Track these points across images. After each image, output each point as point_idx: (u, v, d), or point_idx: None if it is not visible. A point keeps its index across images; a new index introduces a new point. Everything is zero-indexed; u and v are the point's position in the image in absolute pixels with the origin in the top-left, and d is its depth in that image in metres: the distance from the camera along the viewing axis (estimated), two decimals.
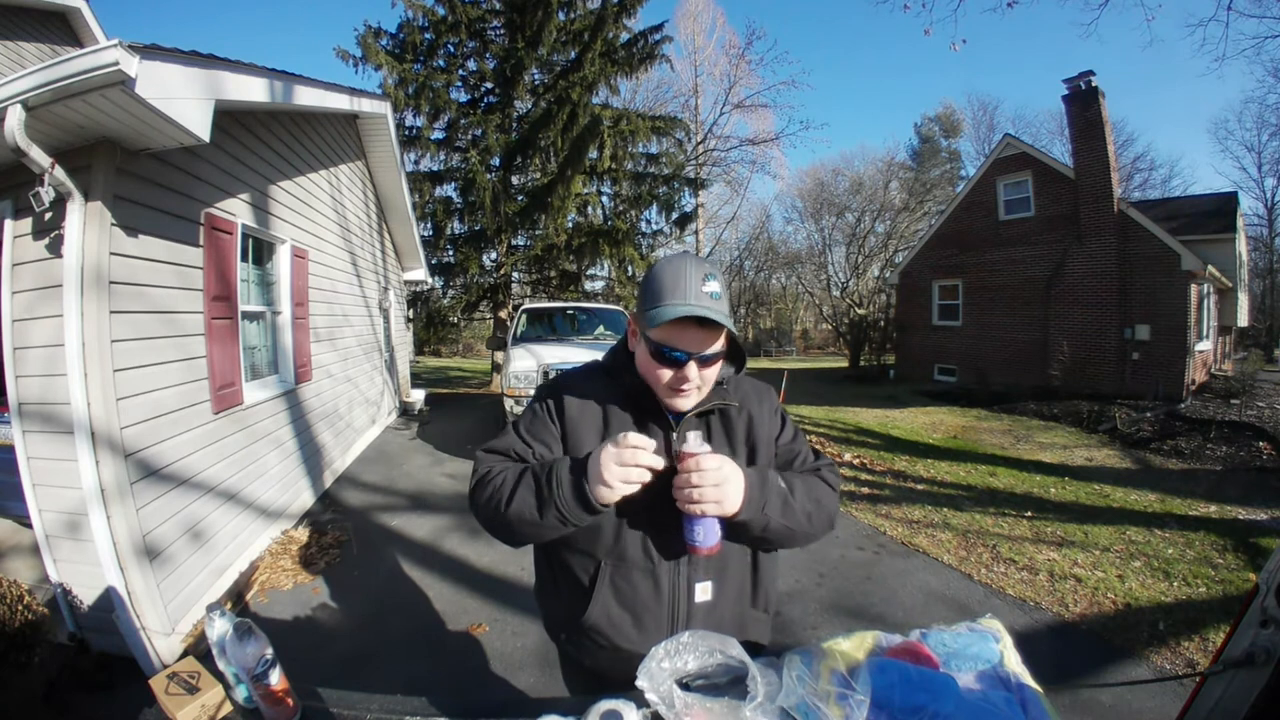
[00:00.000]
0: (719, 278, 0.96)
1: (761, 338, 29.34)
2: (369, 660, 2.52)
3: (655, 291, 0.95)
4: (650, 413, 1.04)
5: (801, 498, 1.00)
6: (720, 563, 1.03)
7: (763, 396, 1.13)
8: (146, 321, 2.57)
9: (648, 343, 0.97)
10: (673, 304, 0.92)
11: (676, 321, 0.92)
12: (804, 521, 0.99)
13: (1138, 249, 9.67)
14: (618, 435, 0.88)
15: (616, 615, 1.03)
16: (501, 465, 1.01)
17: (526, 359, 5.75)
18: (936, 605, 3.06)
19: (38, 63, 2.02)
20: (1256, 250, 23.84)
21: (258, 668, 0.83)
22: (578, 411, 1.05)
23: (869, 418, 8.53)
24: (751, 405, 1.10)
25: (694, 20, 22.20)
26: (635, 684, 0.79)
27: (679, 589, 1.02)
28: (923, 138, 32.85)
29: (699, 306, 0.91)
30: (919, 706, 0.78)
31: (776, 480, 0.98)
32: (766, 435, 1.10)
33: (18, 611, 1.99)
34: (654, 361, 0.97)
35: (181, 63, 2.24)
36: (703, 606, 1.03)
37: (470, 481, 1.05)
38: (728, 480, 0.89)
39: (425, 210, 11.54)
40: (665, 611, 1.02)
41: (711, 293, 0.93)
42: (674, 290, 0.93)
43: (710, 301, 0.92)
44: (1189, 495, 4.76)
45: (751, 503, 0.92)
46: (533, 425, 1.06)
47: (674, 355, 0.94)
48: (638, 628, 1.02)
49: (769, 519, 0.94)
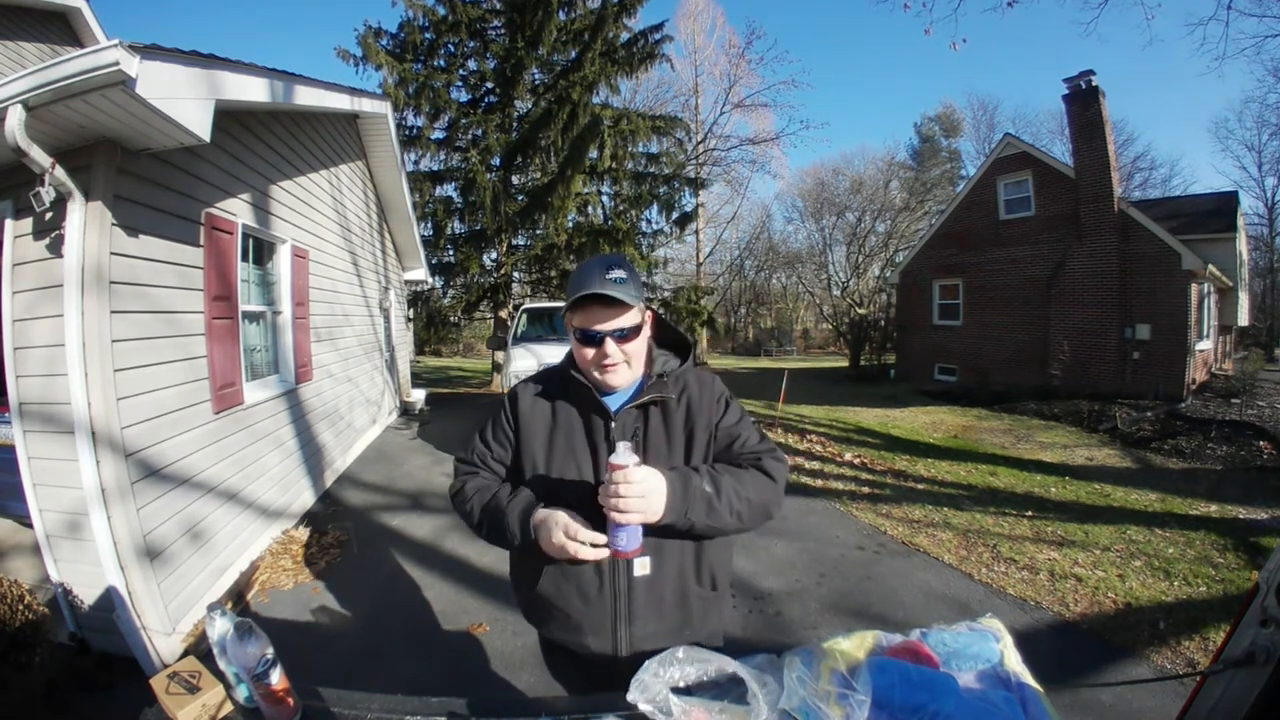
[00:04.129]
0: (624, 266, 1.05)
1: (762, 337, 29.34)
2: (369, 660, 2.53)
3: (571, 287, 1.07)
4: (591, 406, 1.13)
5: (730, 496, 1.04)
6: (656, 540, 1.07)
7: (704, 386, 1.18)
8: (147, 321, 2.57)
9: (572, 330, 1.09)
10: (579, 293, 1.03)
11: (582, 304, 1.03)
12: (732, 520, 1.05)
13: (1138, 248, 9.66)
14: (570, 527, 0.98)
15: (564, 587, 1.11)
16: (471, 485, 1.18)
17: (527, 358, 5.75)
18: (937, 605, 3.06)
19: (38, 63, 2.02)
20: (1257, 249, 23.82)
21: (258, 667, 0.83)
22: (529, 410, 1.17)
23: (869, 417, 8.53)
24: (692, 395, 1.16)
25: (694, 20, 22.18)
26: (628, 696, 0.79)
27: (618, 564, 1.08)
28: (923, 137, 32.84)
29: (598, 288, 1.01)
30: (919, 706, 0.78)
31: (701, 485, 1.03)
32: (706, 422, 1.15)
33: (18, 611, 1.99)
34: (579, 345, 1.09)
35: (182, 63, 2.24)
36: (641, 581, 1.09)
37: (450, 486, 1.25)
38: (652, 491, 0.96)
39: (425, 210, 11.54)
40: (607, 585, 1.10)
41: (614, 278, 1.03)
42: (580, 282, 1.04)
43: (612, 286, 1.02)
44: (1189, 495, 4.76)
45: (674, 509, 0.98)
46: (494, 429, 1.22)
47: (590, 334, 1.05)
48: (583, 600, 1.10)
49: (692, 522, 1.01)
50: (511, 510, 1.07)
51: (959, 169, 29.58)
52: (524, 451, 1.16)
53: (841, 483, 5.12)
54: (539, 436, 1.15)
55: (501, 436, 1.21)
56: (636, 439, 1.11)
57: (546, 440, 1.15)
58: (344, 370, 5.78)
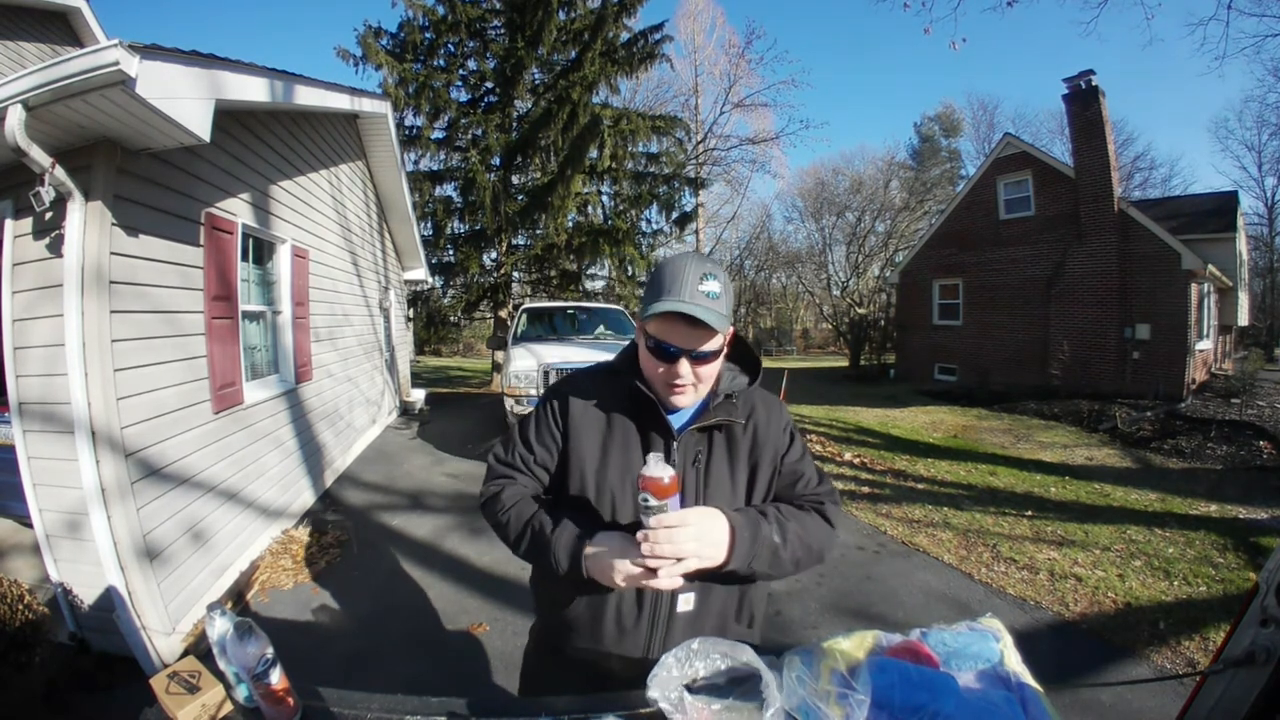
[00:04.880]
0: (720, 278, 0.94)
1: (762, 337, 29.32)
2: (369, 659, 2.53)
3: (654, 287, 0.95)
4: (651, 421, 1.03)
5: (794, 546, 0.98)
6: (706, 577, 1.00)
7: (772, 412, 1.10)
8: (147, 321, 2.57)
9: (645, 337, 0.98)
10: (666, 299, 0.91)
11: (668, 316, 0.92)
12: (790, 568, 0.99)
13: (1138, 248, 9.66)
14: (637, 554, 0.86)
15: (599, 616, 1.03)
16: (509, 493, 1.05)
17: (527, 358, 5.75)
18: (937, 604, 3.06)
19: (38, 63, 2.02)
20: (1257, 249, 23.82)
21: (258, 667, 0.83)
22: (580, 414, 1.06)
23: (869, 417, 8.53)
24: (759, 422, 1.07)
25: (694, 20, 22.17)
26: (647, 693, 0.78)
27: (661, 598, 1.01)
28: (923, 137, 32.84)
29: (689, 304, 0.90)
30: (919, 706, 0.78)
31: (770, 535, 0.95)
32: (771, 454, 1.07)
33: (18, 611, 1.99)
34: (650, 356, 0.98)
35: (182, 62, 2.24)
36: (684, 617, 1.03)
37: (481, 490, 1.11)
38: (708, 532, 0.89)
39: (425, 210, 11.54)
40: (646, 619, 1.02)
41: (708, 292, 0.92)
42: (670, 287, 0.92)
43: (705, 300, 0.91)
44: (1189, 494, 4.76)
45: (739, 558, 0.91)
46: (538, 429, 1.09)
47: (666, 349, 0.94)
48: (619, 630, 1.03)
49: (754, 571, 0.95)
50: (558, 541, 0.95)
51: (959, 169, 29.61)
52: (573, 459, 1.05)
53: (841, 482, 5.11)
54: (591, 445, 1.04)
55: (547, 439, 1.08)
56: (699, 465, 1.03)
57: (600, 451, 1.04)
58: (344, 370, 5.78)
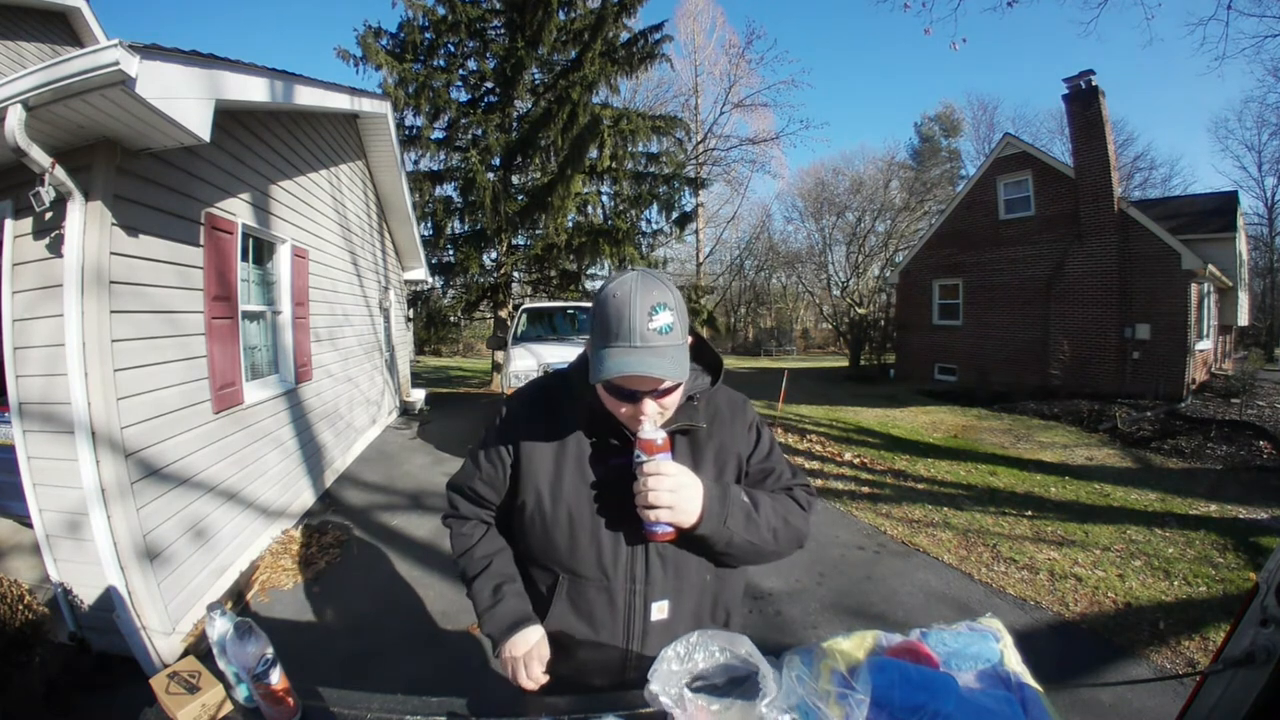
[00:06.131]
0: (670, 301, 0.86)
1: (762, 337, 29.33)
2: (369, 659, 2.53)
3: (600, 328, 0.88)
4: (610, 429, 1.00)
5: (767, 513, 0.98)
6: (677, 583, 1.01)
7: (736, 412, 1.09)
8: (147, 321, 2.57)
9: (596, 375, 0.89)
10: (616, 348, 0.85)
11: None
12: (769, 538, 0.98)
13: (1138, 248, 9.66)
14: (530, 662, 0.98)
15: (574, 626, 1.03)
16: (459, 529, 1.13)
17: (527, 358, 5.76)
18: (937, 604, 3.06)
19: (38, 63, 2.02)
20: (1257, 249, 23.84)
21: (258, 667, 0.83)
22: (532, 428, 1.03)
23: (869, 417, 8.53)
24: (723, 424, 1.06)
25: (694, 20, 22.24)
26: (648, 688, 0.78)
27: (634, 608, 1.00)
28: (923, 137, 32.86)
29: (646, 350, 0.84)
30: (919, 706, 0.78)
31: (739, 494, 0.96)
32: (737, 455, 1.06)
33: (18, 611, 1.99)
34: (610, 397, 0.93)
35: (182, 62, 2.24)
36: (658, 625, 1.01)
37: (442, 519, 1.19)
38: (684, 488, 0.89)
39: (425, 210, 11.53)
40: (620, 628, 1.01)
41: (660, 327, 0.84)
42: (618, 330, 0.85)
43: (659, 339, 0.84)
44: (1189, 494, 4.76)
45: (711, 515, 0.91)
46: (486, 448, 1.08)
47: (626, 393, 0.90)
48: (594, 641, 1.02)
49: (732, 533, 0.93)
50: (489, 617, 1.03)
51: (959, 169, 29.62)
52: (524, 477, 1.02)
53: (841, 483, 5.12)
54: (543, 461, 1.01)
55: (494, 458, 1.06)
56: None
57: (553, 466, 1.01)
58: (344, 370, 5.78)
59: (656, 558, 1.00)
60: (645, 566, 1.00)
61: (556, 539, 1.00)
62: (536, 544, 1.04)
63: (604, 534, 0.99)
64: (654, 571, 1.00)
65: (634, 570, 1.00)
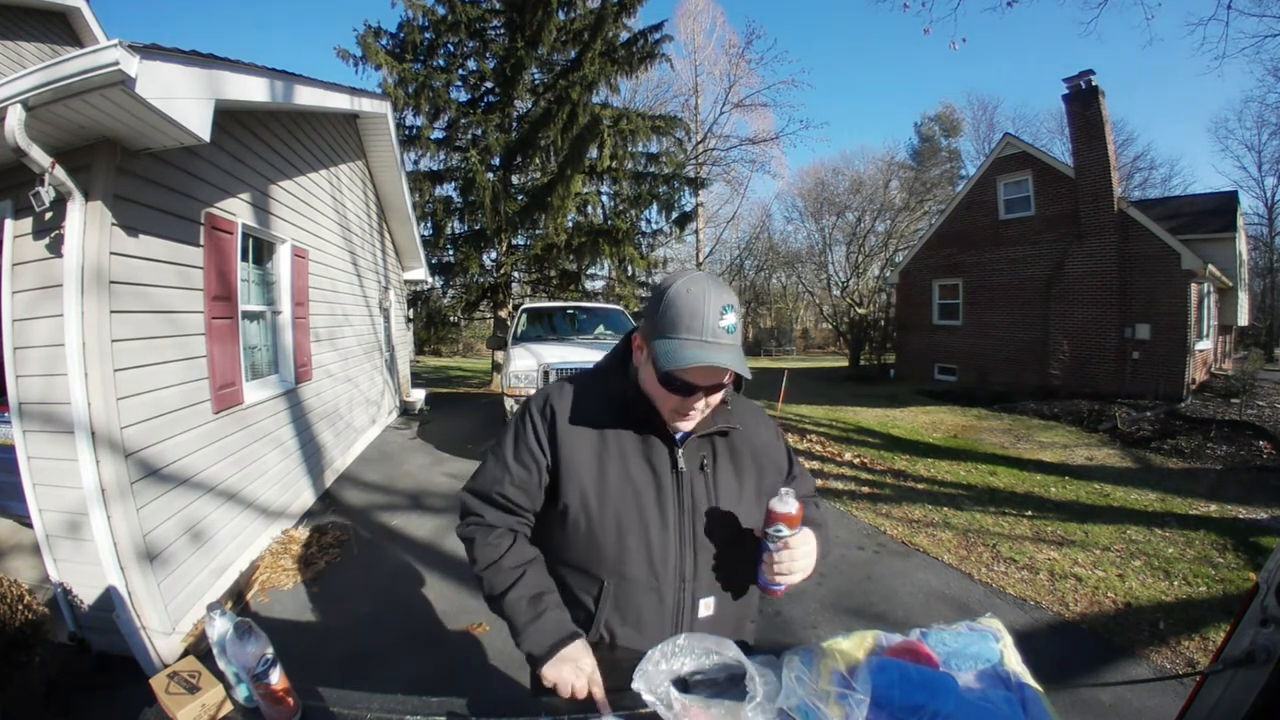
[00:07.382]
0: (735, 306, 0.92)
1: (761, 337, 29.32)
2: (369, 660, 2.53)
3: (671, 320, 0.90)
4: (651, 427, 1.00)
5: (824, 544, 1.06)
6: (725, 580, 1.03)
7: (759, 419, 1.14)
8: (147, 321, 2.57)
9: (654, 364, 0.92)
10: (689, 340, 0.88)
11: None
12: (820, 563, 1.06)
13: (1138, 248, 9.66)
14: (591, 673, 0.92)
15: (619, 632, 1.02)
16: (485, 539, 1.02)
17: (527, 358, 5.75)
18: (937, 604, 3.06)
19: (38, 63, 2.02)
20: (1257, 249, 23.83)
21: (258, 667, 0.83)
22: (570, 428, 1.00)
23: (869, 417, 8.53)
24: (753, 428, 1.11)
25: (694, 19, 22.16)
26: (631, 686, 0.79)
27: (684, 605, 1.01)
28: (923, 137, 32.87)
29: (717, 346, 0.88)
30: (919, 706, 0.78)
31: (828, 545, 1.06)
32: (772, 462, 1.12)
33: (18, 611, 1.99)
34: (662, 387, 0.94)
35: (181, 62, 2.24)
36: (705, 621, 1.02)
37: (458, 529, 1.08)
38: (811, 555, 0.98)
39: (425, 210, 11.53)
40: (669, 627, 1.01)
41: (728, 326, 0.89)
42: (691, 324, 0.88)
43: (728, 338, 0.90)
44: (1189, 494, 4.76)
45: (818, 566, 1.00)
46: (516, 446, 1.03)
47: (687, 386, 0.92)
48: (640, 640, 1.00)
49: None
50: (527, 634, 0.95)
51: (959, 169, 29.60)
52: (564, 475, 0.99)
53: (841, 483, 5.12)
54: (585, 458, 0.99)
55: (527, 457, 1.01)
56: (707, 471, 1.02)
57: (595, 463, 0.99)
58: (344, 370, 5.78)
59: (705, 555, 1.01)
60: (694, 564, 1.01)
61: (603, 542, 0.98)
62: (579, 549, 1.00)
63: (653, 534, 0.98)
64: (702, 569, 1.01)
65: (683, 569, 1.00)
